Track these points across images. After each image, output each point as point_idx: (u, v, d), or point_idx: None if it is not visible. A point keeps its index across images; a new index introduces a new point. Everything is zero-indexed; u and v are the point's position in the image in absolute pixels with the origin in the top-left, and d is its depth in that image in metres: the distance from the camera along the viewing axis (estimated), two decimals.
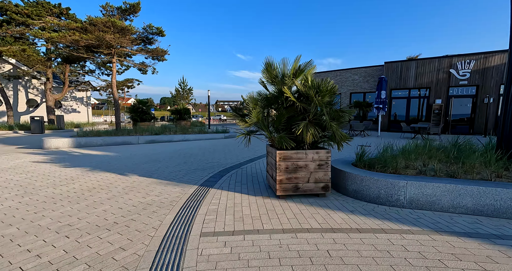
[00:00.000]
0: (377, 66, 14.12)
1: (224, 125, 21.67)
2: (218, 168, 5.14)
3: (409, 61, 12.63)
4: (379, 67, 14.03)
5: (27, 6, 13.80)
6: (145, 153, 7.13)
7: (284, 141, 2.94)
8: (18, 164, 5.67)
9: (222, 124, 27.66)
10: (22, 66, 17.79)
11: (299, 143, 3.15)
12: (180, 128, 10.78)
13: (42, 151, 7.51)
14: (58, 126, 15.32)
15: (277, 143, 3.02)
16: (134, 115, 12.12)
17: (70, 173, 4.84)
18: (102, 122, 33.11)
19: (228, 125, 22.30)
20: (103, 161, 5.96)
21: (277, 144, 3.04)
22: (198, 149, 7.75)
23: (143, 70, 12.09)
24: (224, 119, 42.92)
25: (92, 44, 8.53)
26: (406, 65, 12.73)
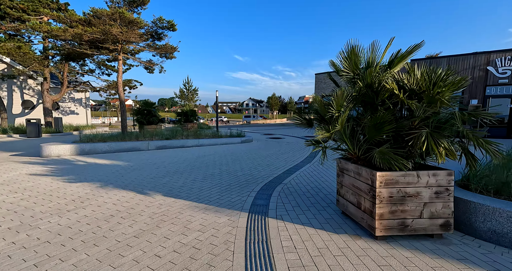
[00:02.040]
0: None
1: (230, 128, 20.81)
2: (254, 182, 4.27)
3: (439, 58, 11.74)
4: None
5: (23, 1, 12.84)
6: (160, 161, 6.24)
7: (392, 159, 2.07)
8: (13, 177, 4.76)
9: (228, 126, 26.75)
10: (17, 65, 16.73)
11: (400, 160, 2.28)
12: (193, 132, 9.89)
13: (40, 159, 6.58)
14: (56, 130, 14.33)
15: (379, 161, 2.15)
16: (140, 117, 11.20)
17: (78, 191, 3.95)
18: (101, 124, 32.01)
19: (233, 127, 21.43)
20: (114, 173, 5.07)
21: (379, 162, 2.17)
22: (218, 156, 6.87)
23: (150, 69, 11.17)
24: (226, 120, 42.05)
25: (97, 39, 7.62)
26: (436, 62, 11.79)
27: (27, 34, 13.96)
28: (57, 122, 14.46)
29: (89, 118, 22.90)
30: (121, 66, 8.97)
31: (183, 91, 27.86)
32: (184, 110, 15.41)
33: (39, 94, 18.97)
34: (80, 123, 21.57)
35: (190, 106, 15.93)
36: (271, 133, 14.77)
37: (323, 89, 16.27)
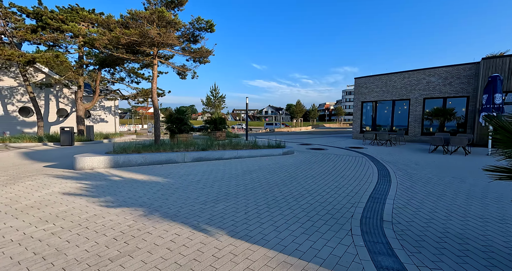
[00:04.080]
0: (465, 64, 11.41)
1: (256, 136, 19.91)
2: (343, 217, 3.16)
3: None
4: (469, 65, 11.25)
5: (62, 12, 13.14)
6: (203, 178, 5.34)
7: None
8: (44, 197, 4.06)
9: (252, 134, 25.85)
10: (54, 75, 17.30)
11: None
12: (228, 142, 9.02)
13: (74, 173, 5.98)
14: (87, 138, 14.28)
15: None
16: (171, 126, 10.60)
17: (118, 221, 3.09)
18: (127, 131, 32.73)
19: (258, 136, 20.48)
20: (155, 194, 4.21)
21: None
22: (267, 172, 5.84)
23: (183, 74, 10.63)
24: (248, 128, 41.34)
25: (134, 42, 7.11)
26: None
27: (64, 45, 14.30)
28: (89, 130, 14.43)
29: (117, 126, 23.23)
30: (155, 71, 8.43)
31: (210, 98, 27.55)
32: (213, 118, 14.76)
33: (72, 103, 19.49)
34: (109, 131, 21.88)
35: (219, 114, 15.27)
36: (306, 143, 13.56)
37: (365, 95, 14.84)
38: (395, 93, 13.66)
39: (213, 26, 7.99)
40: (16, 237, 2.70)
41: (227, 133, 16.21)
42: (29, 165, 7.17)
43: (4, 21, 11.56)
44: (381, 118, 14.47)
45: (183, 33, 8.49)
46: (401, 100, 13.43)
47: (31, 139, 12.88)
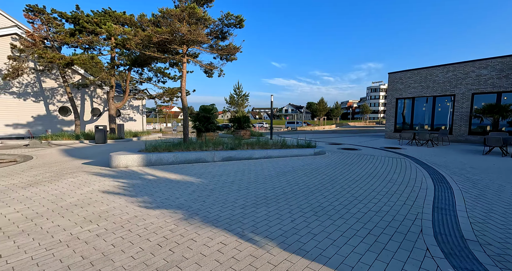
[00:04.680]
0: None
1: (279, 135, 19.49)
2: (410, 232, 2.72)
3: None
4: None
5: (96, 15, 13.79)
6: (237, 179, 5.12)
7: None
8: (86, 196, 4.10)
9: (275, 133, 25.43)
10: (89, 76, 18.35)
11: None
12: (256, 141, 8.77)
13: (110, 170, 6.11)
14: (119, 136, 14.92)
15: None
16: (198, 124, 10.61)
17: (160, 224, 2.96)
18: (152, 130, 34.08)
19: (281, 135, 20.05)
20: (191, 195, 4.06)
21: None
22: (302, 174, 5.48)
23: (210, 73, 10.57)
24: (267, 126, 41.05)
25: (165, 40, 7.11)
26: None
27: (98, 47, 15.03)
28: (120, 128, 15.06)
29: (144, 125, 24.17)
30: (185, 69, 8.40)
31: (233, 97, 27.61)
32: (237, 117, 14.64)
33: (104, 102, 20.57)
34: (137, 129, 22.83)
35: (243, 112, 15.12)
36: (335, 142, 12.91)
37: (400, 91, 13.75)
38: (436, 89, 12.43)
39: (242, 21, 7.75)
40: (64, 238, 2.66)
41: (251, 132, 16.04)
42: (69, 161, 7.51)
43: (47, 26, 12.40)
44: (418, 116, 13.31)
45: (211, 30, 8.36)
46: (443, 96, 12.19)
47: (69, 136, 13.74)
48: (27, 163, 7.32)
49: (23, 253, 2.37)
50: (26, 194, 4.20)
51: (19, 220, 3.12)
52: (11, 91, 15.31)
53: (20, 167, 6.60)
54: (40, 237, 2.69)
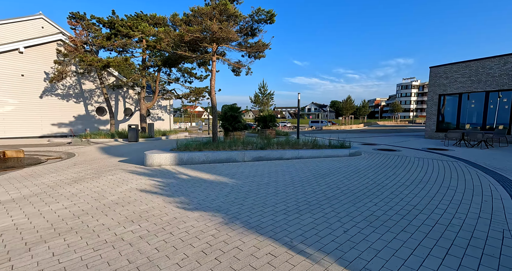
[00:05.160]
0: None
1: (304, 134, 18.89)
2: (505, 252, 2.23)
3: None
4: None
5: (129, 19, 14.46)
6: (271, 181, 4.88)
7: None
8: (126, 194, 4.15)
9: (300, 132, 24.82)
10: (122, 77, 19.41)
11: None
12: (287, 141, 8.46)
13: (145, 169, 6.23)
14: (149, 135, 15.54)
15: None
16: (225, 123, 10.58)
17: (200, 228, 2.82)
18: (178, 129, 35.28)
19: (306, 134, 19.41)
20: (227, 197, 3.90)
21: None
22: (342, 177, 5.06)
23: (237, 71, 10.47)
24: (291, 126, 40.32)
25: (196, 38, 7.10)
26: None
27: (130, 50, 15.79)
28: (150, 127, 15.68)
29: (172, 124, 25.05)
30: (214, 68, 8.36)
31: (258, 95, 27.49)
32: (263, 116, 14.42)
33: (135, 103, 21.65)
34: (165, 128, 23.73)
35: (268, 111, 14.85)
36: (369, 142, 12.10)
37: (444, 86, 12.46)
38: (490, 83, 11.00)
39: (274, 16, 7.48)
40: (109, 238, 2.63)
41: (276, 131, 15.73)
42: (106, 159, 7.88)
43: (87, 31, 13.30)
44: (466, 114, 11.93)
45: (241, 28, 8.21)
46: (499, 91, 10.75)
47: (105, 135, 14.61)
48: (71, 159, 7.81)
49: (72, 252, 2.36)
50: (72, 190, 4.38)
51: (67, 217, 3.19)
52: (56, 93, 16.72)
53: (65, 164, 7.04)
54: (87, 235, 2.69)
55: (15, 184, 4.86)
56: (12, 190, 4.40)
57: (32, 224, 2.98)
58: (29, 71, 15.25)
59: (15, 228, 2.88)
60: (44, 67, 15.73)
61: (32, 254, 2.33)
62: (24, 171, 6.06)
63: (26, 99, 15.32)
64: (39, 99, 15.91)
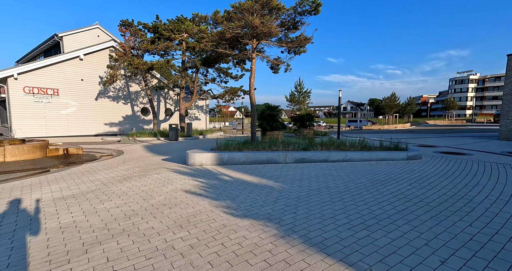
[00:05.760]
0: None
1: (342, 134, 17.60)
2: None
3: None
4: None
5: (171, 23, 15.14)
6: (322, 186, 4.36)
7: None
8: (171, 194, 4.08)
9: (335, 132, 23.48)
10: (164, 79, 20.58)
11: None
12: (330, 142, 7.77)
13: (187, 168, 6.24)
14: (187, 134, 16.11)
15: None
16: (263, 123, 10.28)
17: (253, 239, 2.49)
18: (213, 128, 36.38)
19: (345, 134, 18.06)
20: (278, 204, 3.52)
21: None
22: (409, 185, 4.29)
23: (275, 68, 10.07)
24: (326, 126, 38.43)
25: (237, 35, 6.90)
26: None
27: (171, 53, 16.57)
28: (189, 127, 16.25)
29: (207, 123, 25.83)
30: (254, 65, 8.08)
31: (294, 94, 26.74)
32: (300, 115, 13.78)
33: (175, 103, 22.78)
34: (202, 127, 24.56)
35: (306, 110, 14.15)
36: (425, 144, 10.63)
37: None
38: None
39: (319, 6, 6.88)
40: (160, 245, 2.46)
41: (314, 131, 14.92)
42: (151, 157, 8.20)
43: (134, 37, 14.33)
44: None
45: (282, 21, 7.78)
46: None
47: (149, 134, 15.56)
48: (120, 157, 8.32)
49: (125, 259, 2.22)
50: (122, 188, 4.48)
51: (119, 217, 3.17)
52: (108, 95, 18.44)
53: (116, 161, 7.48)
54: (139, 240, 2.56)
55: (75, 179, 5.21)
56: (73, 186, 4.68)
57: (88, 223, 3.00)
58: (87, 76, 17.07)
59: (74, 226, 2.92)
60: (99, 72, 17.46)
61: (88, 257, 2.26)
62: (83, 167, 6.56)
63: (85, 102, 17.18)
64: (95, 101, 17.71)
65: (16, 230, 2.83)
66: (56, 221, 3.06)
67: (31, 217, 3.21)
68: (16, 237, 2.65)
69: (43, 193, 4.23)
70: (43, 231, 2.80)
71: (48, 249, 2.40)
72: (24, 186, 4.68)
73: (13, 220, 3.12)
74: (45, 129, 15.46)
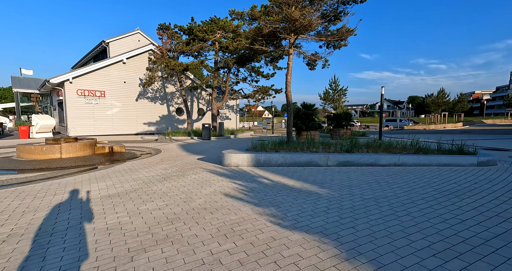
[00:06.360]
0: None
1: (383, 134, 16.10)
2: None
3: None
4: None
5: (205, 24, 15.42)
6: (378, 195, 3.78)
7: None
8: (211, 197, 3.88)
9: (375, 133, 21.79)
10: (197, 80, 21.17)
11: None
12: (375, 143, 6.98)
13: (223, 169, 6.08)
14: (219, 133, 16.26)
15: None
16: (298, 122, 9.77)
17: (311, 260, 2.09)
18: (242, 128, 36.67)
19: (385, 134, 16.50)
20: (330, 215, 3.07)
21: None
22: (497, 199, 3.48)
23: (312, 64, 9.47)
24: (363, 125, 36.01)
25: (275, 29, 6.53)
26: None
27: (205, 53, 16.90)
28: (220, 126, 16.40)
29: (238, 123, 26.00)
30: (291, 62, 7.64)
31: (329, 92, 25.45)
32: (337, 113, 12.89)
33: (207, 103, 23.32)
34: (232, 127, 24.80)
35: (343, 108, 13.21)
36: (493, 147, 9.07)
37: None
38: None
39: None
40: (205, 257, 2.21)
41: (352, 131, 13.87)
42: (187, 156, 8.28)
43: (171, 40, 14.93)
44: None
45: (323, 13, 7.19)
46: None
47: (183, 133, 16.07)
48: (159, 155, 8.57)
49: None
50: (163, 188, 4.44)
51: (162, 220, 3.04)
52: (146, 96, 19.57)
53: (155, 159, 7.69)
54: (183, 249, 2.35)
55: (119, 177, 5.38)
56: (118, 184, 4.80)
57: (133, 225, 2.91)
58: (129, 78, 18.33)
59: (120, 228, 2.85)
60: (139, 74, 18.62)
61: (134, 266, 2.10)
62: (125, 165, 6.83)
63: (127, 102, 18.47)
64: (135, 102, 18.94)
65: (69, 228, 2.85)
66: (103, 221, 3.04)
67: (81, 215, 3.25)
68: (68, 237, 2.65)
69: (92, 190, 4.38)
70: (92, 231, 2.77)
71: (96, 253, 2.32)
72: (76, 182, 4.94)
73: (66, 217, 3.19)
74: (93, 128, 16.95)
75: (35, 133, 15.51)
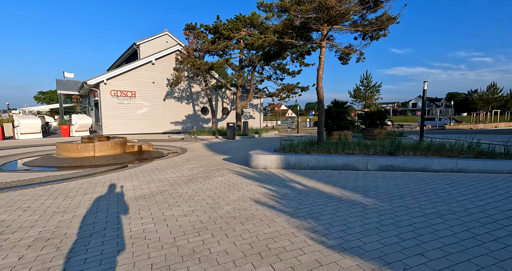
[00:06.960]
0: None
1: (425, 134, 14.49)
2: None
3: None
4: None
5: (230, 23, 15.25)
6: (442, 209, 3.09)
7: None
8: (239, 203, 3.51)
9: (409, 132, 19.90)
10: (221, 79, 21.22)
11: None
12: (423, 145, 6.08)
13: (250, 170, 5.71)
14: (243, 133, 16.02)
15: None
16: (329, 121, 9.06)
17: None
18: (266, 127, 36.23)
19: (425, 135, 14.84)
20: (385, 234, 2.50)
21: None
22: None
23: (345, 59, 8.69)
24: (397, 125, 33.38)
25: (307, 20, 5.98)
26: None
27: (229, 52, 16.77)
28: (245, 126, 16.15)
29: (261, 122, 25.63)
30: (323, 55, 7.02)
31: (360, 89, 23.83)
32: (370, 111, 11.85)
33: (231, 102, 23.29)
34: (256, 126, 24.51)
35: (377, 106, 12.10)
36: None
37: None
38: None
39: None
40: None
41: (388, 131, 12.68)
42: (212, 156, 8.08)
43: (197, 39, 15.04)
44: None
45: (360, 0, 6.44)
46: None
47: (208, 132, 16.12)
48: (185, 154, 8.51)
49: None
50: (188, 191, 4.18)
51: (188, 230, 2.73)
52: (173, 96, 20.07)
53: (181, 159, 7.60)
54: (212, 270, 2.00)
55: (146, 177, 5.28)
56: (144, 185, 4.67)
57: (157, 234, 2.64)
58: (157, 78, 18.94)
59: (144, 237, 2.59)
60: (166, 74, 19.15)
61: None
62: (152, 164, 6.81)
63: (155, 102, 19.12)
64: (163, 102, 19.53)
65: (92, 234, 2.68)
66: (127, 227, 2.83)
67: (107, 219, 3.09)
68: (90, 245, 2.45)
69: (119, 191, 4.28)
70: (115, 240, 2.55)
71: (118, 267, 2.06)
72: (105, 181, 4.93)
73: (92, 221, 3.04)
74: (125, 127, 17.80)
75: (75, 132, 16.71)
